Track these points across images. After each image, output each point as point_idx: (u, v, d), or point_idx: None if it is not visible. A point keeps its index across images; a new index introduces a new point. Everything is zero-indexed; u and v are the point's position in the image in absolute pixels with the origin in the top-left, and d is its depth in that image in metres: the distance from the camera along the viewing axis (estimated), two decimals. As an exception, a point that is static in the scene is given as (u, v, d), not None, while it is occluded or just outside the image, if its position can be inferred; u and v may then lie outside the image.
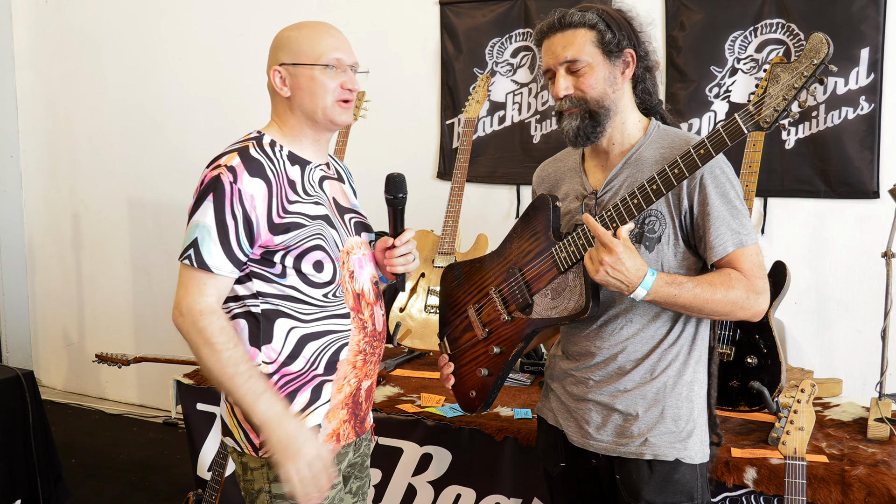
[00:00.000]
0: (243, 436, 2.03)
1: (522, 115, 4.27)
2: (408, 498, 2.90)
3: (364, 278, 2.10)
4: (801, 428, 2.29)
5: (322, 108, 2.03)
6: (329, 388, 2.03)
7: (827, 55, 1.66)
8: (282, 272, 1.98)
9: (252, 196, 1.93)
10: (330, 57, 2.02)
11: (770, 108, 1.72)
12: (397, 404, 2.97)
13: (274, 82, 2.05)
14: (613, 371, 2.04)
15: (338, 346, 2.03)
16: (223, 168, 1.94)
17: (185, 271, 1.94)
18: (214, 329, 1.91)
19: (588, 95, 2.00)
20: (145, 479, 4.44)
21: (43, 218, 5.88)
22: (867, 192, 3.58)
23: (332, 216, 2.05)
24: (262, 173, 1.95)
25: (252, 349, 2.00)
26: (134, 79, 5.38)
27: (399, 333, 3.60)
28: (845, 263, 3.68)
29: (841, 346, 3.71)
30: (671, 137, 2.05)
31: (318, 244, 1.98)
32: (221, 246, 1.92)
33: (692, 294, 1.90)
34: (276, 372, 1.99)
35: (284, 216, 1.96)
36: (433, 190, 4.47)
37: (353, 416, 2.10)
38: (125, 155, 5.50)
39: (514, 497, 2.76)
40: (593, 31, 1.99)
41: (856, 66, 3.55)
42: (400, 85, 4.54)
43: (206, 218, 1.92)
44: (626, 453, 2.03)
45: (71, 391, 5.86)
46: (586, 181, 2.11)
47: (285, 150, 2.04)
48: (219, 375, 1.91)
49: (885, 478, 2.33)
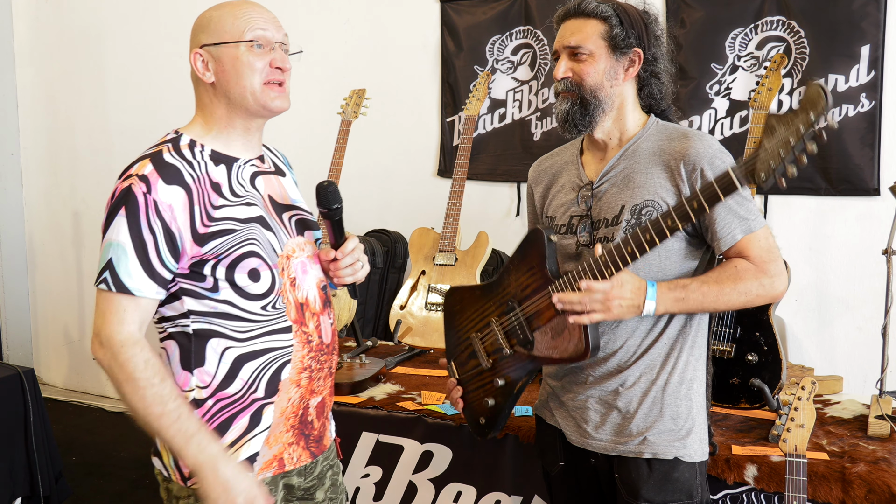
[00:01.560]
0: (171, 461, 1.86)
1: (523, 112, 4.27)
2: (408, 496, 2.90)
3: (308, 284, 1.90)
4: (802, 425, 2.29)
5: (251, 91, 1.82)
6: (270, 410, 1.85)
7: (825, 107, 1.54)
8: (213, 286, 1.79)
9: (170, 206, 1.73)
10: (254, 32, 1.82)
11: (765, 165, 1.64)
12: (398, 402, 2.97)
13: (196, 67, 1.84)
14: (613, 368, 2.04)
15: (278, 364, 1.84)
16: (135, 178, 1.74)
17: (102, 297, 1.74)
18: (138, 363, 1.71)
19: (584, 82, 2.01)
20: (146, 477, 4.44)
21: (43, 215, 5.88)
22: (868, 189, 3.58)
23: (268, 217, 1.85)
24: (179, 179, 1.76)
25: (184, 373, 1.82)
26: (135, 76, 5.38)
27: (400, 331, 3.60)
28: (846, 261, 3.68)
29: (841, 344, 3.71)
30: (669, 130, 2.05)
31: (252, 250, 1.79)
32: (141, 264, 1.72)
33: (700, 293, 1.91)
34: (210, 396, 1.82)
35: (210, 224, 1.76)
36: (434, 188, 4.47)
37: (301, 436, 1.92)
38: (126, 152, 5.47)
39: (514, 494, 2.76)
40: (605, 23, 2.01)
41: (856, 63, 3.54)
42: (400, 82, 4.54)
43: (119, 235, 1.72)
44: (625, 452, 2.03)
45: (71, 389, 5.87)
46: (583, 172, 2.12)
47: (207, 150, 1.84)
48: (144, 415, 1.73)
49: (886, 475, 2.32)
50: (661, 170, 1.99)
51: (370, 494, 2.93)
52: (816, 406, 2.79)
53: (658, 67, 2.07)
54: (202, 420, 1.80)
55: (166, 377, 1.75)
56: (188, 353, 1.82)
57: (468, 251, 3.75)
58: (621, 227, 2.00)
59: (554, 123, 4.16)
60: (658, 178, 1.99)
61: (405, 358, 3.52)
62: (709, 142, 1.99)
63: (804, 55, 3.64)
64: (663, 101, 2.11)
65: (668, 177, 1.98)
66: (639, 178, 2.01)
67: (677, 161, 1.97)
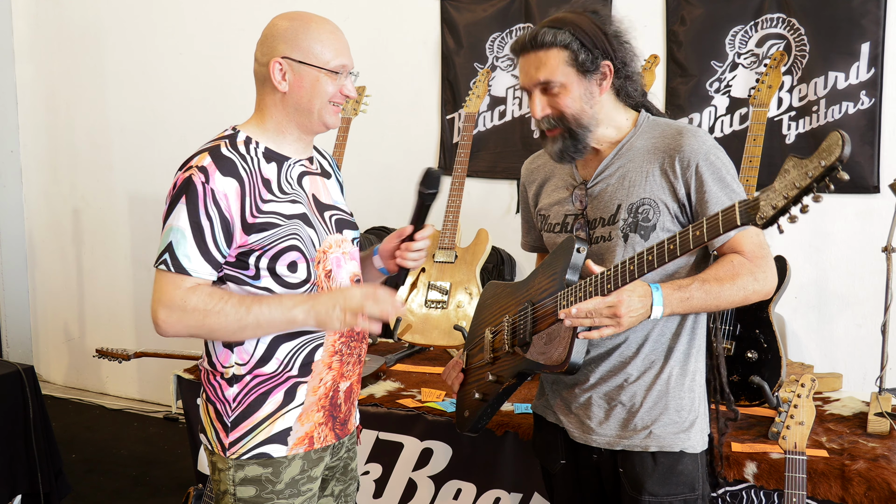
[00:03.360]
0: (214, 434, 2.01)
1: (523, 109, 4.27)
2: (408, 493, 2.90)
3: (342, 277, 2.04)
4: (802, 422, 2.29)
5: (317, 110, 1.98)
6: (303, 389, 2.00)
7: (841, 157, 1.47)
8: (255, 274, 1.94)
9: (225, 195, 1.88)
10: (338, 63, 1.97)
11: (768, 205, 1.59)
12: (398, 399, 2.97)
13: (273, 75, 1.96)
14: (616, 364, 2.04)
15: (312, 346, 2.00)
16: (194, 169, 1.89)
17: (162, 276, 1.89)
18: (202, 298, 1.87)
19: (565, 114, 2.00)
20: (146, 474, 4.44)
21: (43, 213, 5.88)
22: (868, 186, 3.58)
23: (311, 214, 2.00)
24: (234, 172, 1.90)
25: (224, 351, 1.98)
26: (134, 74, 5.38)
27: (399, 328, 3.60)
28: (845, 258, 3.68)
29: (841, 341, 3.71)
30: (661, 127, 2.05)
31: (294, 244, 1.94)
32: (198, 248, 1.88)
33: (703, 291, 1.90)
34: (248, 373, 1.97)
35: (258, 216, 1.91)
36: (433, 185, 4.46)
37: (330, 418, 2.06)
38: (126, 150, 5.50)
39: (514, 492, 2.76)
40: (566, 50, 1.97)
41: (856, 60, 3.54)
42: (400, 79, 4.54)
43: (179, 221, 1.88)
44: (631, 446, 2.03)
45: (71, 386, 5.86)
46: (576, 172, 2.12)
47: (261, 147, 1.99)
48: (240, 327, 1.88)
49: (886, 472, 2.33)
50: (656, 167, 1.99)
51: (370, 491, 2.94)
52: (816, 403, 2.80)
53: (629, 69, 2.04)
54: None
55: (230, 293, 1.90)
56: None
57: (468, 248, 3.75)
58: (618, 227, 2.00)
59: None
60: (653, 175, 1.99)
61: (405, 355, 3.52)
62: (703, 138, 1.99)
63: (804, 52, 3.63)
64: (638, 95, 2.09)
65: (663, 174, 1.98)
66: (634, 176, 2.01)
67: (672, 158, 1.98)
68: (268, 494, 1.98)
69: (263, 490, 1.98)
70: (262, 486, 1.98)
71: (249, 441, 1.98)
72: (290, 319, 1.90)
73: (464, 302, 3.63)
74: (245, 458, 1.98)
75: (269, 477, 1.98)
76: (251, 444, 1.98)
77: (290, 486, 2.00)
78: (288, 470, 2.00)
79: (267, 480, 1.98)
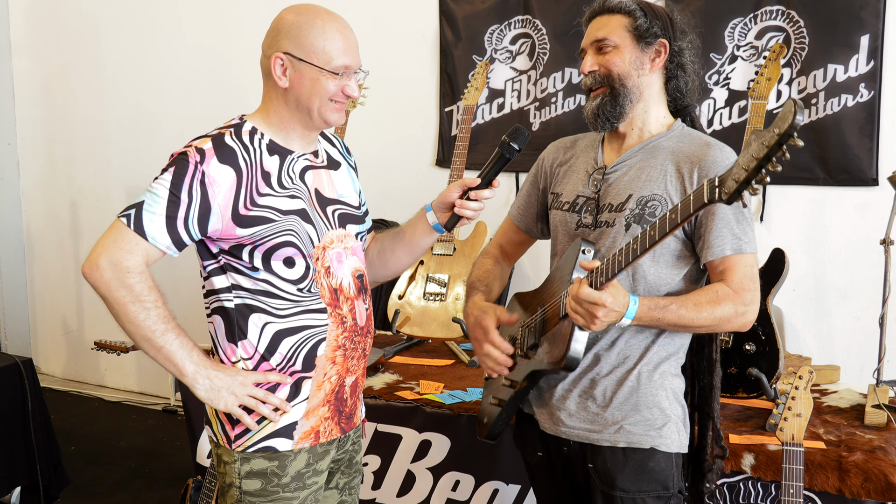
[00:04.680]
0: (220, 427, 2.01)
1: (521, 102, 4.26)
2: (407, 484, 2.91)
3: (343, 273, 2.03)
4: (799, 414, 2.30)
5: (318, 107, 1.95)
6: (308, 384, 2.00)
7: (793, 124, 1.48)
8: (252, 266, 1.94)
9: (217, 183, 1.87)
10: (339, 64, 1.94)
11: (731, 179, 1.59)
12: (396, 391, 2.97)
13: (273, 70, 1.94)
14: (591, 358, 2.04)
15: (315, 341, 1.99)
16: (192, 149, 1.89)
17: (118, 227, 1.87)
18: (144, 287, 1.87)
19: (611, 72, 2.04)
20: (145, 466, 4.45)
21: (41, 206, 5.87)
22: (866, 179, 3.58)
23: (310, 210, 1.98)
24: (232, 161, 1.89)
25: (230, 345, 1.98)
26: (132, 66, 5.37)
27: (398, 321, 3.60)
28: (844, 251, 3.68)
29: (839, 333, 3.72)
30: (693, 136, 2.07)
31: (289, 240, 1.93)
32: (166, 218, 1.86)
33: (676, 316, 1.91)
34: (256, 367, 1.98)
35: (252, 209, 1.90)
36: (432, 177, 4.46)
37: (336, 412, 2.06)
38: (123, 142, 5.49)
39: (512, 483, 2.77)
40: (629, 16, 2.05)
41: (856, 53, 3.54)
42: (399, 72, 4.53)
43: (159, 187, 1.87)
44: (600, 441, 2.02)
45: (70, 379, 5.87)
46: (600, 157, 2.13)
47: (266, 139, 1.97)
48: (146, 333, 1.88)
49: (882, 464, 2.33)
50: (675, 170, 2.00)
51: (369, 483, 2.94)
52: (814, 395, 2.80)
53: (684, 59, 2.09)
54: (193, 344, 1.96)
55: (163, 302, 1.91)
56: (232, 326, 1.97)
57: (466, 241, 3.75)
58: (623, 215, 2.00)
59: (552, 113, 4.18)
60: (670, 175, 2.00)
61: (403, 348, 3.52)
62: (728, 154, 1.99)
63: (803, 45, 3.63)
64: (689, 96, 2.12)
65: (679, 177, 1.99)
66: (652, 172, 2.02)
67: (692, 165, 1.98)
68: (273, 488, 1.98)
69: (269, 483, 1.98)
70: (268, 480, 1.98)
71: (255, 434, 1.98)
72: (181, 370, 1.92)
73: (462, 294, 3.63)
74: (251, 451, 1.98)
75: (274, 470, 1.98)
76: (257, 437, 1.98)
77: (295, 479, 2.00)
78: (294, 463, 2.00)
79: (273, 474, 1.98)
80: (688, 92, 2.12)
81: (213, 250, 1.96)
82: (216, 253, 1.96)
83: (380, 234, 2.26)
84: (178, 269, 3.87)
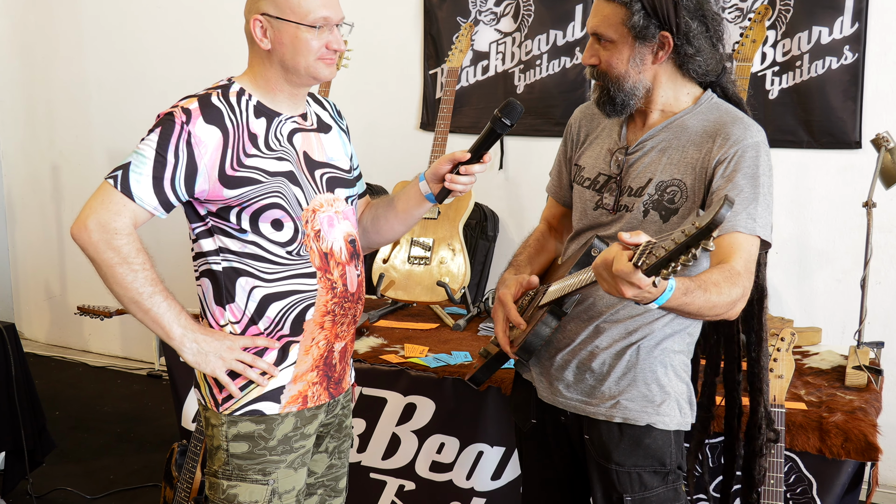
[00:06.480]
0: (208, 390, 2.02)
1: (506, 65, 4.23)
2: (392, 447, 2.92)
3: (334, 236, 2.02)
4: (781, 376, 2.32)
5: (305, 66, 1.93)
6: (296, 349, 2.01)
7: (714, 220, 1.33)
8: (240, 228, 1.94)
9: (203, 143, 1.87)
10: (317, 16, 1.90)
11: (654, 254, 1.44)
12: (381, 355, 2.98)
13: (254, 32, 1.93)
14: (591, 330, 2.02)
15: (303, 306, 1.99)
16: (178, 109, 1.88)
17: (106, 189, 1.87)
18: (132, 249, 1.87)
19: (609, 72, 1.95)
20: (130, 431, 4.45)
21: (21, 169, 5.80)
22: (850, 142, 3.59)
23: (298, 172, 1.97)
24: (219, 122, 1.89)
25: (217, 308, 1.99)
26: (113, 26, 5.28)
27: (383, 284, 3.60)
28: (827, 213, 3.70)
29: (821, 296, 3.75)
30: (721, 111, 1.97)
31: (276, 202, 1.92)
32: (152, 179, 1.86)
33: (704, 299, 1.71)
34: (244, 331, 1.98)
35: (238, 169, 1.89)
36: (416, 141, 4.44)
37: (325, 377, 2.06)
38: (104, 105, 5.42)
39: (497, 446, 2.79)
40: (626, 9, 1.90)
41: (840, 15, 3.53)
42: (382, 34, 4.48)
43: (145, 147, 1.87)
44: (596, 414, 2.00)
45: (54, 344, 5.85)
46: (624, 134, 2.05)
47: (254, 100, 1.96)
48: (133, 294, 1.89)
49: (862, 424, 2.36)
50: (696, 150, 1.92)
51: (354, 446, 2.96)
52: (795, 357, 2.83)
53: (694, 47, 1.93)
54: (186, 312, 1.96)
55: (152, 265, 1.91)
56: (220, 289, 1.97)
57: (451, 205, 3.74)
58: (642, 200, 1.95)
59: (537, 76, 4.16)
60: (691, 158, 1.92)
61: (388, 311, 3.52)
62: (754, 131, 1.90)
63: (788, 7, 3.61)
64: (710, 74, 2.00)
65: (699, 158, 1.91)
66: (674, 154, 1.95)
67: (713, 140, 1.90)
68: (260, 451, 1.99)
69: (256, 446, 1.99)
70: (255, 443, 1.99)
71: (242, 398, 1.98)
72: (168, 333, 1.93)
73: (446, 258, 3.63)
74: (238, 414, 1.98)
75: (261, 433, 1.99)
76: (244, 400, 1.98)
77: (282, 442, 2.01)
78: (281, 427, 2.00)
79: (260, 437, 1.99)
80: (709, 71, 1.99)
81: (200, 212, 1.96)
82: (204, 215, 1.95)
83: (374, 201, 2.25)
84: (161, 232, 3.86)
